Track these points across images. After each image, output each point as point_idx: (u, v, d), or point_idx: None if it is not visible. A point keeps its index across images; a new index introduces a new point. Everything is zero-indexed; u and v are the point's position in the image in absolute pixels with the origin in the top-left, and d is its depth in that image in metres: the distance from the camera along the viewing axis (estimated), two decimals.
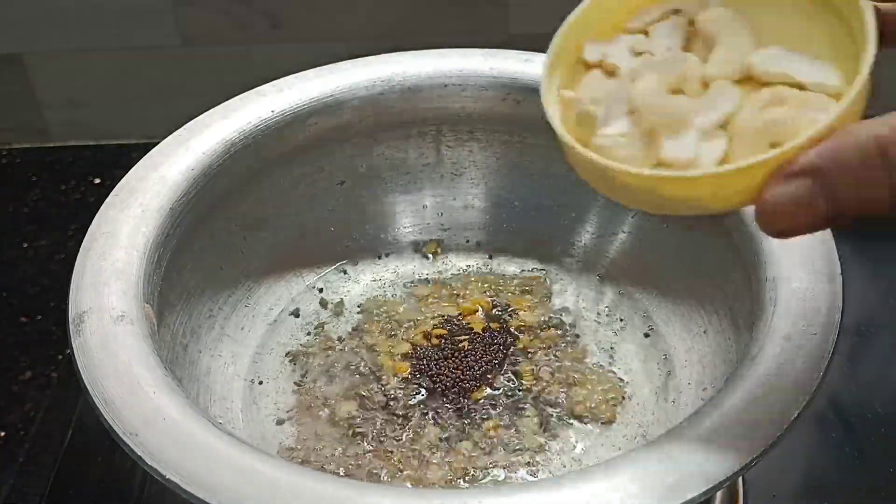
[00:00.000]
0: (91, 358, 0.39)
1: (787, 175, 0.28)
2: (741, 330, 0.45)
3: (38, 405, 0.56)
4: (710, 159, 0.32)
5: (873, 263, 0.64)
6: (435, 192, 0.58)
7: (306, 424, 0.49)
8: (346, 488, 0.35)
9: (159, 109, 0.68)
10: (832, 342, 0.39)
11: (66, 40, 0.72)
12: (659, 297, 0.53)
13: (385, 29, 0.71)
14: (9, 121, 0.76)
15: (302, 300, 0.55)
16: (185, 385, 0.44)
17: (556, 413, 0.49)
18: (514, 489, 0.35)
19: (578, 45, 0.37)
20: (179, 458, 0.36)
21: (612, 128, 0.34)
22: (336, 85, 0.53)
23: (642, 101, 0.34)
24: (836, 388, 0.55)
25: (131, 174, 0.48)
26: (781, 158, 0.30)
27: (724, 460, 0.35)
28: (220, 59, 0.72)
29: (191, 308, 0.49)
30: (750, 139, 0.32)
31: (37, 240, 0.68)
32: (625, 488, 0.34)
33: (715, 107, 0.33)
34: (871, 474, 0.52)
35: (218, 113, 0.51)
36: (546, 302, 0.55)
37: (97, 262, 0.44)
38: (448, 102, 0.55)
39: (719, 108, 0.33)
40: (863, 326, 0.59)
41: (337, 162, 0.56)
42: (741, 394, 0.37)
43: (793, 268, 0.42)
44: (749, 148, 0.31)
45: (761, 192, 0.29)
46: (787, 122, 0.31)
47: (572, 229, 0.57)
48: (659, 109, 0.33)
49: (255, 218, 0.54)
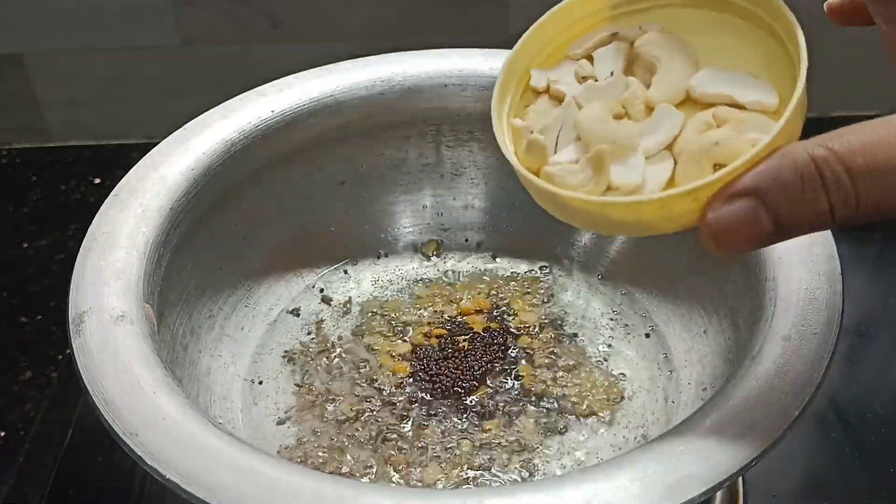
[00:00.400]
0: (91, 358, 0.39)
1: (729, 196, 0.29)
2: (741, 330, 0.45)
3: (38, 405, 0.56)
4: (657, 182, 0.33)
5: (873, 263, 0.64)
6: (435, 192, 0.58)
7: (306, 424, 0.49)
8: (346, 488, 0.35)
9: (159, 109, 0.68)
10: (832, 342, 0.39)
11: (66, 40, 0.72)
12: (659, 297, 0.53)
13: (385, 29, 0.71)
14: (9, 121, 0.76)
15: (302, 300, 0.55)
16: (185, 385, 0.44)
17: (555, 413, 0.49)
18: (514, 489, 0.35)
19: (527, 72, 0.38)
20: (179, 458, 0.36)
21: (561, 155, 0.35)
22: (336, 85, 0.53)
23: (588, 127, 0.35)
24: (836, 388, 0.55)
25: (131, 174, 0.48)
26: (725, 180, 0.30)
27: (723, 460, 0.35)
28: (220, 59, 0.72)
29: (191, 308, 0.49)
30: (694, 161, 0.32)
31: (37, 240, 0.68)
32: (625, 488, 0.34)
33: (659, 130, 0.34)
34: (871, 474, 0.52)
35: (218, 113, 0.51)
36: (546, 302, 0.55)
37: (97, 262, 0.44)
38: (448, 102, 0.55)
39: (663, 132, 0.34)
40: (863, 326, 0.59)
41: (337, 162, 0.56)
42: (741, 394, 0.37)
43: (793, 268, 0.42)
44: (694, 169, 0.32)
45: (705, 212, 0.30)
46: (729, 143, 0.32)
47: (572, 229, 0.57)
48: (604, 136, 0.34)
49: (255, 218, 0.54)
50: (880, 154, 0.28)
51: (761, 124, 0.32)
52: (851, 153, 0.28)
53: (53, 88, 0.74)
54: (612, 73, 0.36)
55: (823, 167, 0.28)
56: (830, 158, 0.28)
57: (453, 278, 0.56)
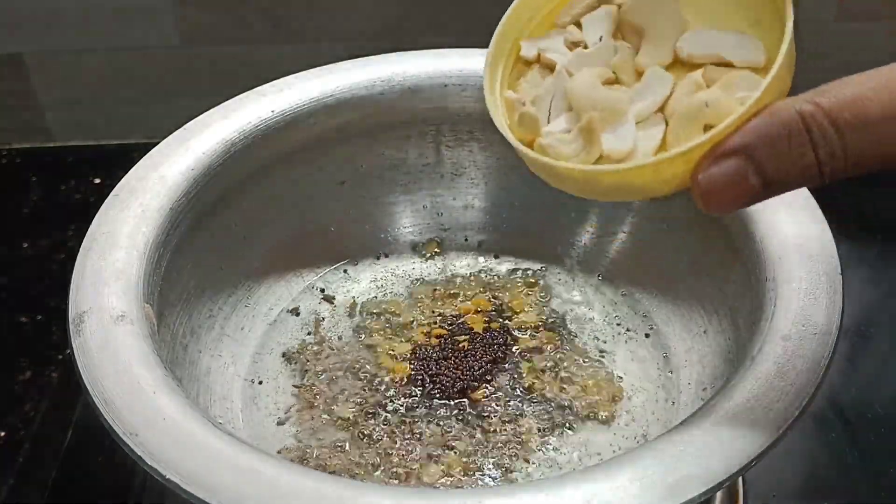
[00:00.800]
0: (91, 358, 0.39)
1: (719, 156, 0.30)
2: (741, 330, 0.45)
3: (38, 405, 0.56)
4: (648, 147, 0.33)
5: (873, 263, 0.64)
6: (435, 192, 0.58)
7: (306, 424, 0.49)
8: (346, 488, 0.35)
9: (159, 109, 0.68)
10: (832, 342, 0.39)
11: (66, 40, 0.71)
12: (659, 297, 0.53)
13: (385, 29, 0.71)
14: (9, 121, 0.76)
15: (302, 300, 0.55)
16: (185, 385, 0.44)
17: (555, 413, 0.49)
18: (514, 489, 0.35)
19: (517, 44, 0.38)
20: (179, 458, 0.36)
21: (554, 125, 0.35)
22: (336, 85, 0.53)
23: (578, 96, 0.35)
24: (836, 388, 0.55)
25: (131, 174, 0.48)
26: (715, 140, 0.31)
27: (723, 460, 0.35)
28: (220, 59, 0.72)
29: (191, 308, 0.49)
30: (684, 123, 0.33)
31: (37, 240, 0.68)
32: (625, 488, 0.34)
33: (649, 94, 0.34)
34: (871, 474, 0.52)
35: (218, 113, 0.51)
36: (546, 302, 0.55)
37: (97, 262, 0.43)
38: (448, 102, 0.55)
39: (653, 95, 0.34)
40: (863, 326, 0.59)
41: (337, 162, 0.56)
42: (741, 394, 0.37)
43: (793, 268, 0.42)
44: (685, 131, 0.32)
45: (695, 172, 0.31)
46: (718, 103, 0.32)
47: (572, 229, 0.57)
48: (594, 103, 0.34)
49: (255, 218, 0.54)
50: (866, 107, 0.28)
51: (750, 82, 0.32)
52: (839, 107, 0.28)
53: (53, 88, 0.74)
54: (600, 38, 0.36)
55: (811, 122, 0.28)
56: (817, 114, 0.28)
57: (453, 278, 0.56)
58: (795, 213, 0.45)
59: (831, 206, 0.47)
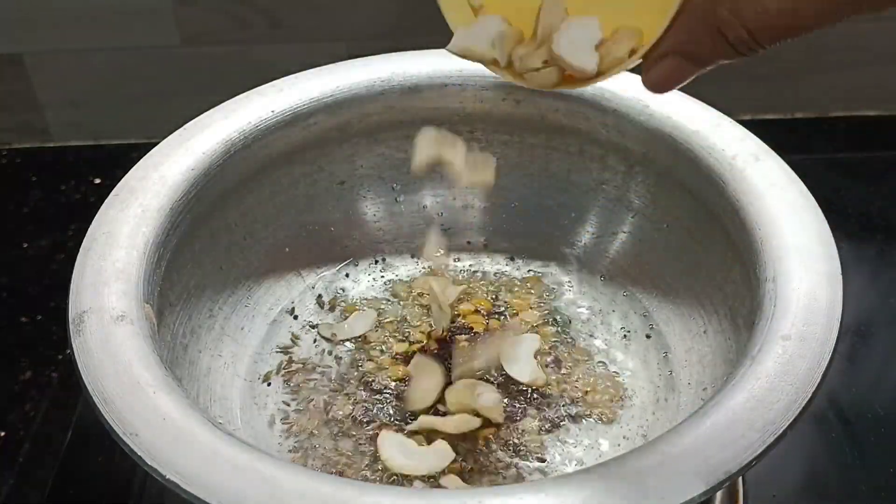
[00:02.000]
0: (91, 358, 0.39)
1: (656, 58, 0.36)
2: (741, 330, 0.45)
3: (38, 405, 0.56)
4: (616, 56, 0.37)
5: (873, 263, 0.64)
6: (435, 192, 0.58)
7: (306, 424, 0.49)
8: (346, 488, 0.35)
9: (159, 109, 0.68)
10: (832, 342, 0.39)
11: (66, 40, 0.71)
12: (659, 297, 0.53)
13: (385, 29, 0.71)
14: (9, 121, 0.76)
15: (301, 300, 0.55)
16: (185, 385, 0.44)
17: (556, 413, 0.49)
18: (514, 489, 0.35)
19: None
20: (179, 458, 0.36)
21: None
22: (336, 85, 0.53)
23: None
24: (836, 388, 0.55)
25: (131, 174, 0.48)
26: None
27: (723, 460, 0.35)
28: (220, 59, 0.72)
29: (191, 308, 0.49)
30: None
31: (37, 240, 0.68)
32: (625, 488, 0.34)
33: None
34: (871, 474, 0.52)
35: (218, 113, 0.51)
36: (546, 302, 0.55)
37: (97, 262, 0.44)
38: (448, 102, 0.55)
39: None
40: (863, 326, 0.59)
41: (337, 162, 0.56)
42: (741, 394, 0.37)
43: (793, 268, 0.42)
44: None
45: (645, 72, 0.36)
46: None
47: (572, 229, 0.57)
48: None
49: (255, 218, 0.54)
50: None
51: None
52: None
53: (53, 88, 0.74)
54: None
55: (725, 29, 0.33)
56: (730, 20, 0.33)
57: (453, 278, 0.56)
58: (795, 214, 0.45)
59: (831, 206, 0.47)
